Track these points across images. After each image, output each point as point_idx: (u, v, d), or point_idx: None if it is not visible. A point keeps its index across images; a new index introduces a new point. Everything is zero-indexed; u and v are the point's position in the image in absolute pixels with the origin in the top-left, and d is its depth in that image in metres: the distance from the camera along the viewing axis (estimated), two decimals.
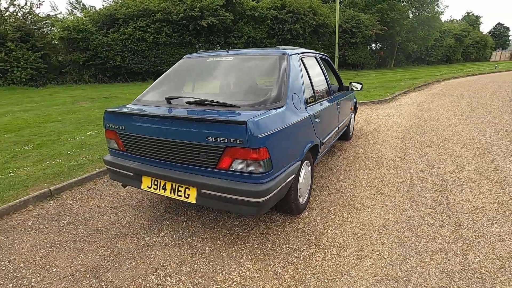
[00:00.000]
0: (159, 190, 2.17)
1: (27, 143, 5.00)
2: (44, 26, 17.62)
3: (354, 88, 3.90)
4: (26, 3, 21.71)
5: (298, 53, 2.65)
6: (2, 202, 2.85)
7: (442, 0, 38.93)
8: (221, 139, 1.80)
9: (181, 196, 2.07)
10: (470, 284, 1.74)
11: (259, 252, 2.09)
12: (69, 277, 1.91)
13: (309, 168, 2.60)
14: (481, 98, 8.87)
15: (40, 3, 18.03)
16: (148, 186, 2.23)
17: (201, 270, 1.93)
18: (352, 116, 4.75)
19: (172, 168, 2.10)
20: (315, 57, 3.16)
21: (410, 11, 27.80)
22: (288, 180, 2.07)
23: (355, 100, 4.82)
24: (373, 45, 28.55)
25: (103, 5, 19.19)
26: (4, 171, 3.72)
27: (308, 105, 2.49)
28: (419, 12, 27.98)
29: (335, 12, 24.14)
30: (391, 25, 26.15)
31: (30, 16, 16.74)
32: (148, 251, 2.14)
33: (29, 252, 2.18)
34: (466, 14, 54.49)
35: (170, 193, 2.11)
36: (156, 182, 2.19)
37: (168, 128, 2.00)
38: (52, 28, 18.07)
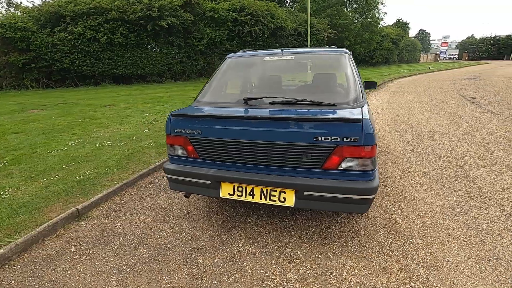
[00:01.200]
0: (245, 197, 2.04)
1: None
2: None
3: (372, 87, 4.12)
4: None
5: (349, 52, 2.72)
6: (20, 229, 2.39)
7: (381, 8, 42.93)
8: (332, 138, 1.77)
9: (274, 200, 1.97)
10: None
11: (352, 250, 2.10)
12: None
13: None
14: (437, 95, 10.05)
15: None
16: (229, 194, 2.07)
17: (309, 274, 1.87)
18: None
19: (264, 172, 1.99)
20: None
21: (354, 17, 30.20)
22: None
23: None
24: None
25: (44, 1, 16.96)
26: None
27: None
28: (363, 18, 30.55)
29: (290, 16, 25.06)
30: (340, 30, 28.07)
31: None
32: (239, 263, 2.00)
33: (97, 282, 1.87)
34: (397, 20, 60.95)
35: (261, 198, 2.00)
36: (240, 188, 2.05)
37: (264, 130, 1.89)
38: None
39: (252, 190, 2.02)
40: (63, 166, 3.90)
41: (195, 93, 13.82)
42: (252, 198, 2.02)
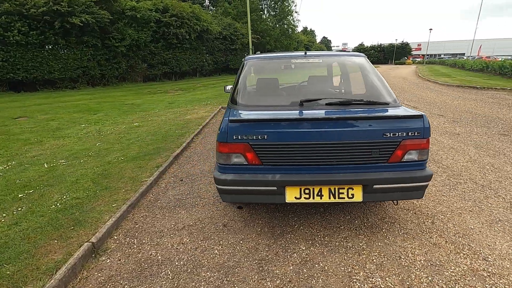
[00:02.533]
0: (313, 198, 2.04)
1: None
2: None
3: None
4: None
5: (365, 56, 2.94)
6: (23, 282, 1.84)
7: (296, 16, 46.44)
8: (399, 133, 1.94)
9: (343, 198, 2.04)
10: None
11: (400, 233, 2.32)
12: None
13: None
14: None
15: None
16: (296, 197, 2.05)
17: (384, 262, 2.00)
18: None
19: (331, 171, 2.03)
20: None
21: (273, 23, 32.18)
22: None
23: None
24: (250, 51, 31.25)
25: None
26: None
27: None
28: (280, 25, 32.84)
29: (214, 19, 25.01)
30: (262, 35, 29.52)
31: None
32: (316, 265, 1.99)
33: None
34: (303, 28, 67.44)
35: (329, 198, 2.04)
36: (307, 191, 2.04)
37: (334, 130, 1.94)
38: None
39: (320, 190, 2.04)
40: (19, 195, 3.11)
41: (125, 99, 12.54)
42: (321, 198, 2.04)
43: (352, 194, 2.04)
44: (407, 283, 1.81)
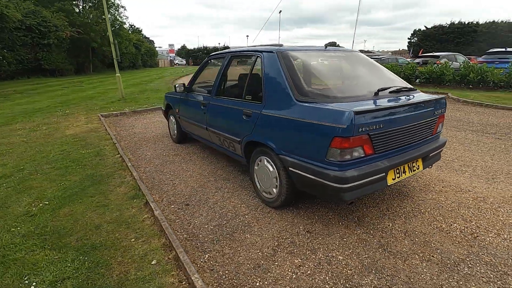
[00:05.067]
0: (401, 177, 2.29)
1: None
2: None
3: None
4: None
5: None
6: None
7: (123, 11, 40.87)
8: (438, 111, 2.50)
9: (415, 170, 2.41)
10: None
11: (420, 190, 2.96)
12: None
13: None
14: None
15: None
16: (392, 179, 2.23)
17: (442, 213, 2.54)
18: None
19: (411, 149, 2.34)
20: None
21: (96, 17, 27.37)
22: None
23: None
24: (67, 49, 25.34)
25: None
26: None
27: None
28: (103, 20, 28.54)
29: (8, 1, 18.62)
30: (83, 29, 24.79)
31: None
32: (417, 232, 2.25)
33: None
34: (130, 26, 61.78)
35: (409, 172, 2.35)
36: (397, 171, 2.26)
37: (416, 113, 2.24)
38: None
39: (403, 168, 2.31)
40: None
41: None
42: (405, 175, 2.32)
43: (418, 166, 2.45)
44: (475, 221, 2.39)
